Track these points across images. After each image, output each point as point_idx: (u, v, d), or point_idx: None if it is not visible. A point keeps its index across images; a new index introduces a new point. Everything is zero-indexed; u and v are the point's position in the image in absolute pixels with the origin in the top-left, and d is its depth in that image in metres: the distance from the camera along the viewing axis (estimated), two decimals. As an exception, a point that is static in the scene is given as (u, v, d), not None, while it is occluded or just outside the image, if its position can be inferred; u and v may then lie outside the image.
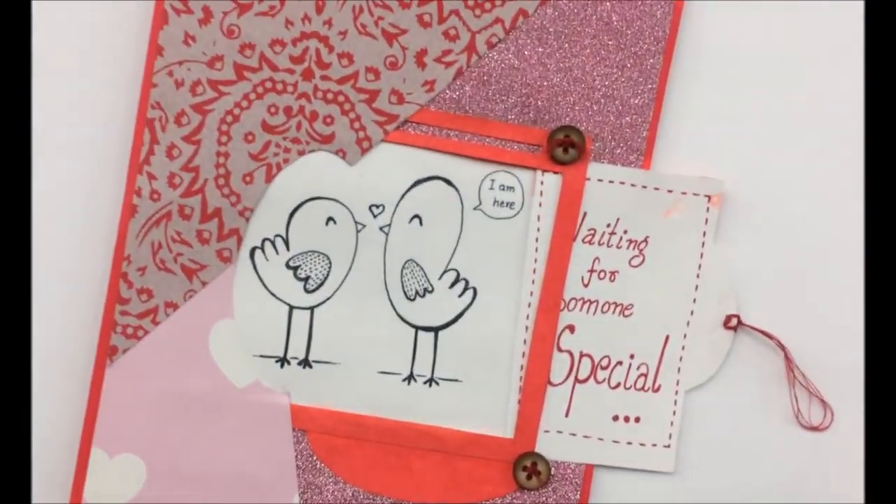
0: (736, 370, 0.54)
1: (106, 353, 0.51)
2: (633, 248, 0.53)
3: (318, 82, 0.51)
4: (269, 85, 0.51)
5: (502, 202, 0.53)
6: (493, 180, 0.53)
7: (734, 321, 0.53)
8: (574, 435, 0.53)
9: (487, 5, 0.51)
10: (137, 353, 0.52)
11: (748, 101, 0.53)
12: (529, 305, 0.53)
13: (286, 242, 0.52)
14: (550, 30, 0.52)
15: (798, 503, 0.54)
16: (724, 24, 0.53)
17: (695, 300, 0.53)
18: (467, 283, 0.53)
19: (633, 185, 0.53)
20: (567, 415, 0.53)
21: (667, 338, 0.53)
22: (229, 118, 0.51)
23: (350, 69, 0.51)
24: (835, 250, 0.54)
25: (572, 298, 0.53)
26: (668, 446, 0.53)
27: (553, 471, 0.53)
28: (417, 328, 0.53)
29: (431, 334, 0.53)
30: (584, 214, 0.53)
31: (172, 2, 0.50)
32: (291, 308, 0.52)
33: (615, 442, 0.53)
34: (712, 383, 0.54)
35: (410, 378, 0.53)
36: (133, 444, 0.52)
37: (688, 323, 0.53)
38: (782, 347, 0.53)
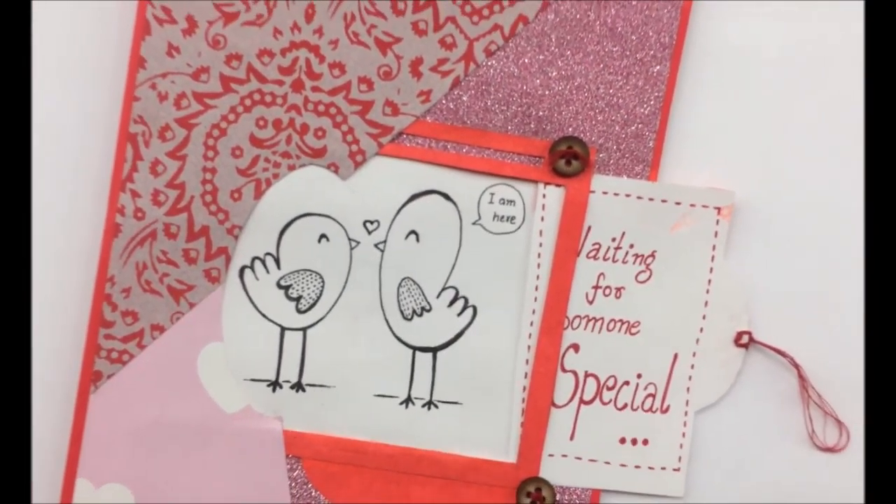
0: (748, 390, 0.52)
1: (90, 380, 0.50)
2: (640, 263, 0.52)
3: (309, 94, 0.50)
4: (257, 97, 0.50)
5: (502, 217, 0.51)
6: (492, 194, 0.51)
7: (745, 338, 0.52)
8: (579, 459, 0.52)
9: (485, 11, 0.50)
10: (123, 379, 0.50)
11: (759, 108, 0.52)
12: (532, 324, 0.51)
13: (277, 261, 0.51)
14: (552, 36, 0.50)
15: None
16: (734, 27, 0.51)
17: (704, 317, 0.52)
18: (466, 301, 0.52)
19: (639, 197, 0.51)
20: (572, 438, 0.52)
21: (675, 356, 0.52)
22: (216, 132, 0.50)
23: (342, 80, 0.50)
24: (850, 263, 0.52)
25: (576, 316, 0.52)
26: (678, 469, 0.52)
27: (558, 496, 0.52)
28: (415, 349, 0.52)
29: (430, 355, 0.52)
30: (589, 228, 0.51)
31: (155, 11, 0.48)
32: (283, 329, 0.51)
33: (622, 465, 0.52)
34: (723, 403, 0.52)
35: (408, 401, 0.52)
36: (119, 473, 0.51)
37: (697, 340, 0.52)
38: (796, 366, 0.52)
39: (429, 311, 0.52)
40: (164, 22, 0.49)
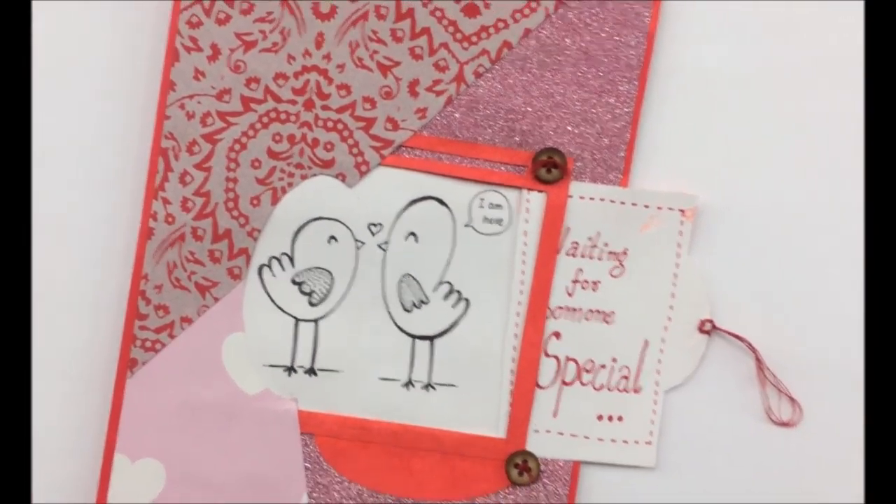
0: (711, 371, 0.57)
1: (127, 366, 0.55)
2: (614, 260, 0.57)
3: (319, 112, 0.55)
4: (273, 115, 0.55)
5: (491, 219, 0.56)
6: (482, 199, 0.56)
7: (708, 326, 0.57)
8: (562, 434, 0.57)
9: (474, 38, 0.55)
10: (156, 365, 0.55)
11: (718, 121, 0.57)
12: (518, 314, 0.56)
13: (291, 260, 0.56)
14: (533, 59, 0.56)
15: (771, 496, 0.58)
16: (696, 49, 0.57)
17: (671, 307, 0.57)
18: (460, 294, 0.57)
19: (612, 201, 0.56)
20: (555, 415, 0.57)
21: (646, 342, 0.57)
22: (237, 146, 0.55)
23: (348, 99, 0.55)
24: (801, 257, 0.57)
25: (558, 307, 0.57)
26: (650, 443, 0.57)
27: (543, 467, 0.56)
28: (414, 337, 0.57)
29: (428, 343, 0.57)
30: (568, 229, 0.56)
31: (183, 40, 0.54)
32: (297, 321, 0.56)
33: (600, 440, 0.57)
34: (689, 384, 0.57)
35: (409, 384, 0.57)
36: (153, 449, 0.55)
37: (665, 328, 0.57)
38: (753, 349, 0.57)
39: (426, 303, 0.57)
40: (191, 50, 0.54)
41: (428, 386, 0.57)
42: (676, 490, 0.58)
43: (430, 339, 0.56)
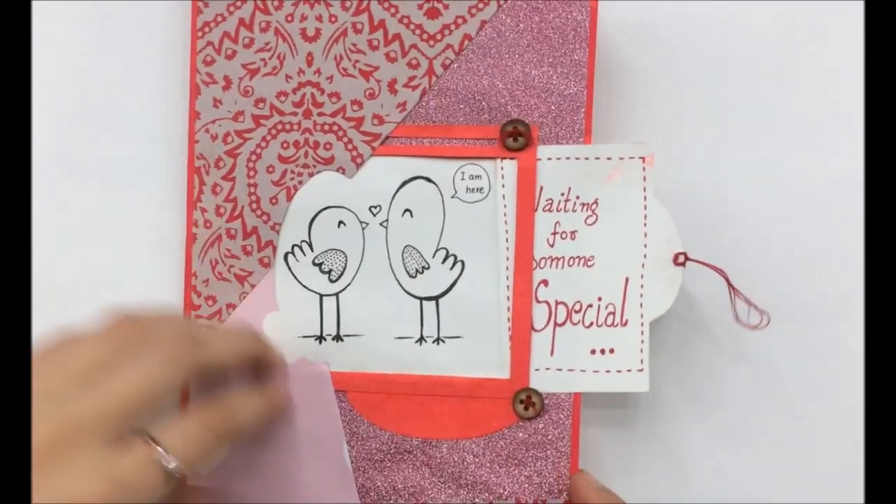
0: (688, 298, 0.63)
1: None
2: (587, 210, 0.62)
3: (316, 118, 0.63)
4: (279, 127, 0.63)
5: (473, 188, 0.63)
6: (463, 172, 0.63)
7: (682, 258, 0.61)
8: (560, 370, 0.62)
9: (438, 36, 0.63)
10: None
11: (666, 77, 0.64)
12: (507, 268, 0.62)
13: (310, 245, 0.63)
14: (492, 46, 0.62)
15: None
16: (639, 13, 0.64)
17: (646, 245, 0.61)
18: (456, 257, 0.63)
19: (577, 158, 0.62)
20: (552, 354, 0.62)
21: (627, 279, 0.62)
22: (253, 157, 0.63)
23: (339, 104, 0.63)
24: (744, 191, 0.65)
25: (542, 258, 0.62)
26: (641, 370, 0.62)
27: (546, 401, 0.62)
28: (421, 299, 0.63)
29: (433, 303, 0.63)
30: (541, 188, 0.62)
31: (202, 77, 0.64)
32: (321, 296, 0.63)
33: (595, 371, 0.62)
34: (669, 313, 0.62)
35: (421, 340, 0.63)
36: None
37: (643, 265, 0.61)
38: (722, 272, 0.62)
39: (428, 269, 0.63)
40: (209, 83, 0.64)
41: (438, 340, 0.63)
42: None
43: (435, 299, 0.63)
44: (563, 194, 0.62)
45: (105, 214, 0.67)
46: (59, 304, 0.66)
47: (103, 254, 0.67)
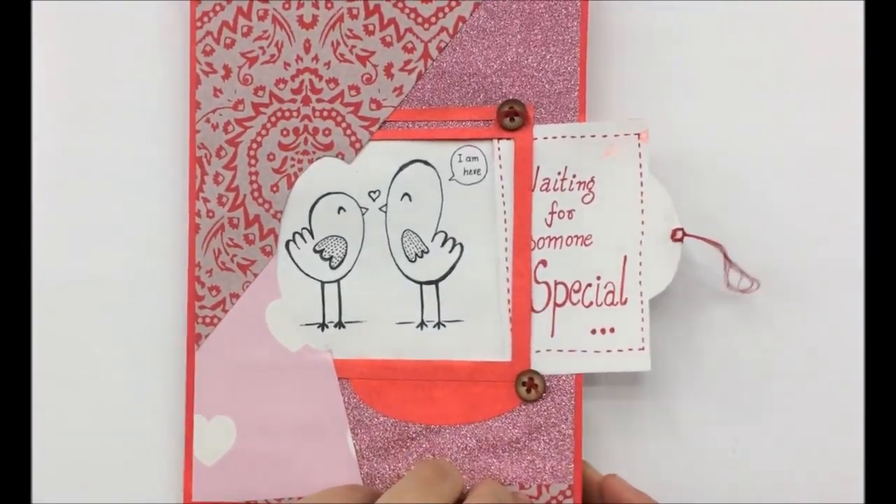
0: (686, 276, 0.62)
1: (194, 340, 0.63)
2: (583, 189, 0.62)
3: (315, 104, 0.63)
4: (279, 115, 0.64)
5: (470, 170, 0.63)
6: (460, 154, 0.63)
7: (679, 234, 0.61)
8: (561, 351, 0.61)
9: (433, 19, 0.63)
10: (216, 336, 0.63)
11: (659, 54, 0.64)
12: (506, 249, 0.62)
13: (311, 232, 0.63)
14: (486, 28, 0.62)
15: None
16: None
17: (642, 222, 0.61)
18: (454, 240, 0.63)
19: (572, 136, 0.61)
20: (552, 335, 0.62)
21: (625, 258, 0.61)
22: (254, 145, 0.64)
23: (337, 90, 0.63)
24: (742, 170, 0.64)
25: (540, 238, 0.62)
26: (642, 349, 0.61)
27: (548, 383, 0.62)
28: (421, 283, 0.63)
29: (433, 286, 0.63)
30: (538, 168, 0.62)
31: (202, 67, 0.64)
32: (322, 283, 0.63)
33: (596, 352, 0.61)
34: (668, 290, 0.62)
35: (422, 324, 0.63)
36: (223, 407, 0.63)
37: (640, 242, 0.61)
38: (718, 245, 0.61)
39: (427, 252, 0.63)
40: (209, 73, 0.64)
41: (438, 324, 0.63)
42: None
43: (435, 282, 0.63)
44: (559, 173, 0.62)
45: (107, 206, 0.68)
46: (61, 295, 0.67)
47: (106, 246, 0.67)
